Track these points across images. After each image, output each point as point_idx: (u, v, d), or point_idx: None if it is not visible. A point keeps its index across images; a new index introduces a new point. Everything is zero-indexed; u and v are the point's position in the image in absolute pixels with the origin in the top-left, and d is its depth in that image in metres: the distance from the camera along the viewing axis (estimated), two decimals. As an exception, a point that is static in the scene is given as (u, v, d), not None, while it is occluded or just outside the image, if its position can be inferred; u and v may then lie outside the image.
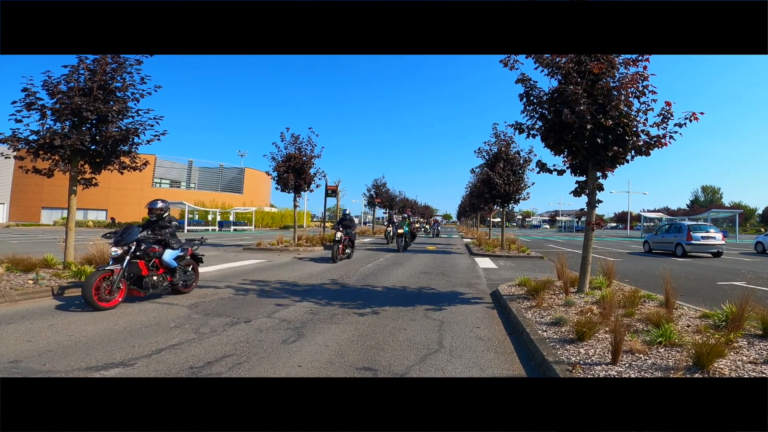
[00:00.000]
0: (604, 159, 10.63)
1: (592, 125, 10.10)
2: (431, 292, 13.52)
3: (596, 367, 6.12)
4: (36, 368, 6.22)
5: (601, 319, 8.20)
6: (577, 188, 11.62)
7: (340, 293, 13.02)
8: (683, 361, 6.06)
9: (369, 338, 8.15)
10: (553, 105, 10.69)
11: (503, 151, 29.40)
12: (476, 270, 20.17)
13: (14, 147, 12.81)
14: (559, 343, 7.28)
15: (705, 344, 6.08)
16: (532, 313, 9.61)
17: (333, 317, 9.77)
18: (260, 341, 7.81)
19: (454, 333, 8.66)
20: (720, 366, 5.92)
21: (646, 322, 8.24)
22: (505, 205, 30.75)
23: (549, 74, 10.98)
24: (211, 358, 6.81)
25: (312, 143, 29.49)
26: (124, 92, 13.65)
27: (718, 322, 8.09)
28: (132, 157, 14.46)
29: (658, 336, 7.07)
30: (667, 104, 10.28)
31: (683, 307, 9.84)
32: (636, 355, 6.48)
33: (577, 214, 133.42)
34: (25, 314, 9.29)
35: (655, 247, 33.55)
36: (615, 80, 10.57)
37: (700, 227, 31.51)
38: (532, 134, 11.44)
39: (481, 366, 6.80)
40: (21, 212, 79.36)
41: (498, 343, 8.10)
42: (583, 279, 11.65)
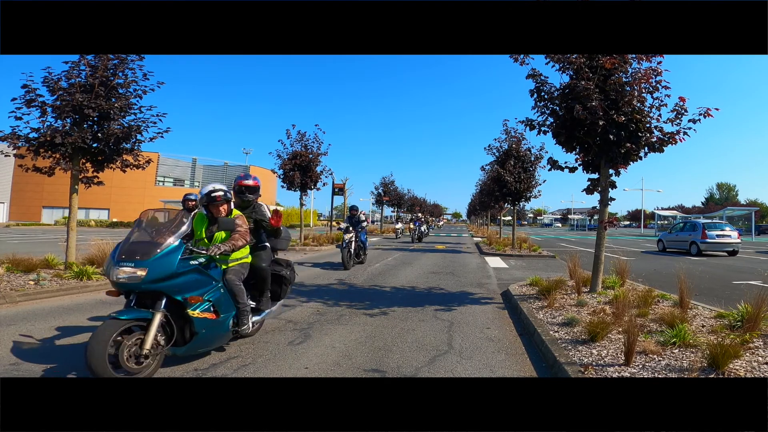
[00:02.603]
0: (617, 156, 10.62)
1: (604, 121, 10.10)
2: (440, 292, 13.53)
3: (609, 368, 6.13)
4: (37, 371, 6.25)
5: (614, 319, 8.20)
6: (589, 186, 11.63)
7: (347, 293, 13.04)
8: (698, 362, 6.07)
9: (377, 339, 8.17)
10: (565, 101, 10.69)
11: (514, 148, 29.32)
12: (486, 269, 20.19)
13: (14, 145, 12.81)
14: (571, 344, 7.30)
15: (720, 345, 6.08)
16: (544, 313, 9.63)
17: (340, 318, 9.79)
18: (266, 343, 7.83)
19: (463, 334, 8.68)
20: (735, 367, 5.91)
21: (660, 322, 8.25)
22: (515, 203, 30.75)
23: (560, 69, 10.98)
24: (215, 360, 6.83)
25: (318, 140, 29.48)
26: (126, 89, 13.66)
27: (733, 322, 8.07)
28: (135, 155, 14.42)
29: (672, 336, 7.07)
30: (681, 100, 10.25)
31: (698, 306, 9.83)
32: (650, 356, 6.48)
33: (590, 212, 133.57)
34: (26, 315, 9.34)
35: (669, 246, 33.41)
36: (628, 75, 10.56)
37: (716, 225, 31.38)
38: (543, 131, 11.44)
39: (491, 367, 6.81)
40: (21, 212, 79.55)
41: (509, 344, 8.12)
42: (595, 278, 11.66)
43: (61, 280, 12.25)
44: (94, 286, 12.16)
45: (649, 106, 10.47)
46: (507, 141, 29.82)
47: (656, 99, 10.47)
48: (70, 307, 10.22)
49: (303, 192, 29.77)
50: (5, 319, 9.01)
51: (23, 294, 10.73)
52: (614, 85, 10.27)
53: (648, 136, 10.49)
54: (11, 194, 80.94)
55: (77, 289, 11.81)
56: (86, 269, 12.78)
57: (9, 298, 10.37)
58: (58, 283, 11.95)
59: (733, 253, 29.63)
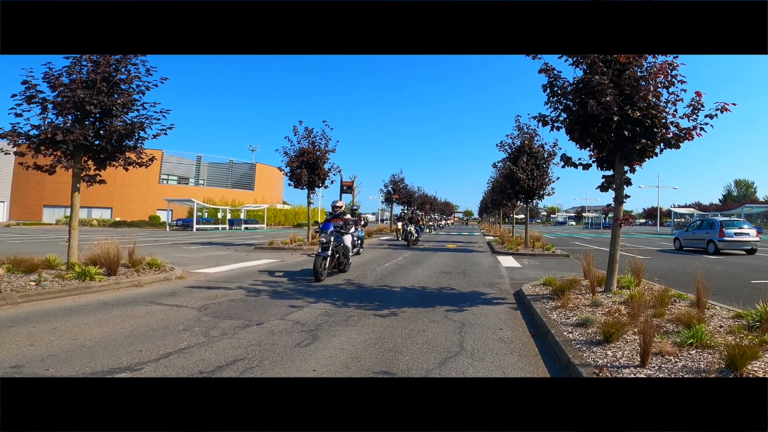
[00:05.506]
0: (632, 152, 10.61)
1: (618, 117, 10.08)
2: (452, 293, 13.54)
3: (624, 369, 6.13)
4: (38, 373, 6.26)
5: (630, 319, 8.18)
6: (603, 183, 11.61)
7: (356, 294, 13.07)
8: (715, 364, 6.06)
9: (387, 341, 8.18)
10: (578, 96, 10.68)
11: (526, 144, 29.37)
12: (499, 269, 20.19)
13: (14, 142, 12.85)
14: (586, 345, 7.30)
15: (738, 346, 6.05)
16: (558, 313, 9.63)
17: (349, 319, 9.80)
18: (273, 344, 7.85)
19: (475, 335, 8.68)
20: (754, 368, 5.89)
21: (676, 322, 8.24)
22: (528, 201, 30.78)
23: (573, 64, 10.98)
24: (221, 363, 6.84)
25: (326, 137, 29.63)
26: (128, 84, 13.72)
27: (752, 322, 8.04)
28: (138, 152, 14.50)
29: (688, 337, 7.05)
30: (698, 95, 10.24)
31: (715, 306, 9.81)
32: (666, 357, 6.47)
33: (604, 210, 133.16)
34: (27, 317, 9.36)
35: (685, 245, 33.31)
36: (642, 70, 10.55)
37: (733, 223, 31.23)
38: (556, 127, 11.45)
39: (503, 369, 6.80)
40: (22, 211, 79.84)
41: (522, 345, 8.12)
42: (610, 278, 11.65)
43: (63, 280, 12.24)
44: (96, 287, 12.19)
45: (664, 101, 10.45)
46: (519, 137, 29.89)
47: (672, 94, 10.45)
48: (72, 309, 10.24)
49: (310, 190, 29.87)
50: (6, 320, 9.04)
51: (24, 295, 10.76)
52: (629, 80, 10.26)
53: (664, 131, 10.48)
54: (12, 193, 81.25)
55: (79, 290, 11.80)
56: (89, 270, 12.75)
57: (10, 299, 10.39)
58: (59, 284, 11.94)
59: (751, 251, 29.55)
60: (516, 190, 29.78)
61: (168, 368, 6.54)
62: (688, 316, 8.05)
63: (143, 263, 15.37)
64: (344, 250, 17.19)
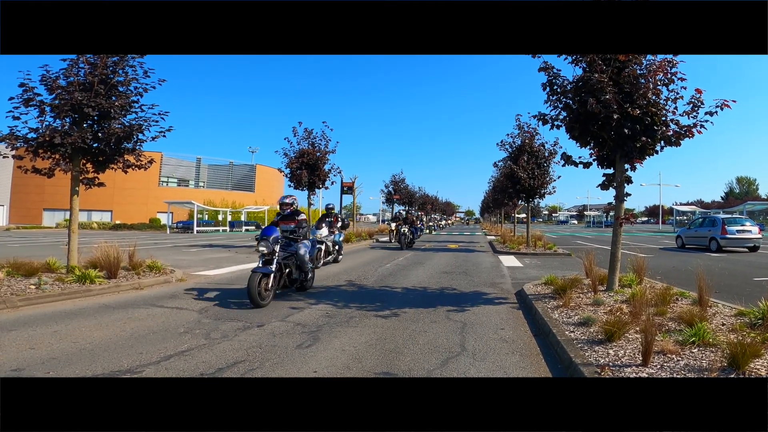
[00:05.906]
0: (632, 150, 10.61)
1: (618, 115, 10.08)
2: (453, 293, 13.55)
3: (626, 368, 6.13)
4: (39, 376, 6.28)
5: (632, 318, 8.18)
6: (604, 181, 11.62)
7: (357, 295, 13.09)
8: (717, 362, 6.07)
9: (388, 342, 8.19)
10: (578, 94, 10.67)
11: (527, 143, 29.32)
12: (500, 269, 20.20)
13: (12, 146, 12.82)
14: (587, 344, 7.30)
15: (740, 344, 6.05)
16: (559, 313, 9.64)
17: (350, 320, 9.81)
18: (274, 346, 7.86)
19: (477, 335, 8.69)
20: (756, 366, 5.89)
21: (678, 321, 8.24)
22: (529, 200, 30.79)
23: (573, 62, 10.97)
24: (222, 365, 6.85)
25: (326, 138, 29.49)
26: (126, 86, 13.69)
27: (754, 320, 8.06)
28: (137, 154, 14.49)
29: (691, 336, 7.07)
30: (698, 92, 10.23)
31: (717, 304, 9.80)
32: (668, 356, 6.48)
33: (606, 208, 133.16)
34: (27, 320, 9.38)
35: (688, 242, 33.33)
36: (642, 67, 10.56)
37: (736, 220, 31.26)
38: (556, 125, 11.44)
39: (505, 369, 6.81)
40: (22, 214, 79.75)
41: (523, 344, 8.13)
42: (612, 277, 11.65)
43: (63, 284, 12.25)
44: (96, 290, 12.19)
45: (664, 98, 10.45)
46: (520, 136, 29.83)
47: (672, 91, 10.45)
48: (73, 312, 10.24)
49: (311, 191, 29.76)
50: (6, 324, 9.05)
51: (24, 299, 10.78)
52: (628, 78, 10.26)
53: (664, 129, 10.47)
54: (11, 196, 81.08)
55: (80, 294, 11.83)
56: (89, 273, 12.74)
57: (10, 303, 10.41)
58: (60, 287, 11.95)
59: (754, 249, 29.55)
60: (517, 189, 29.74)
61: (169, 370, 6.55)
62: (690, 315, 8.04)
63: (143, 266, 15.35)
64: (299, 262, 12.82)
